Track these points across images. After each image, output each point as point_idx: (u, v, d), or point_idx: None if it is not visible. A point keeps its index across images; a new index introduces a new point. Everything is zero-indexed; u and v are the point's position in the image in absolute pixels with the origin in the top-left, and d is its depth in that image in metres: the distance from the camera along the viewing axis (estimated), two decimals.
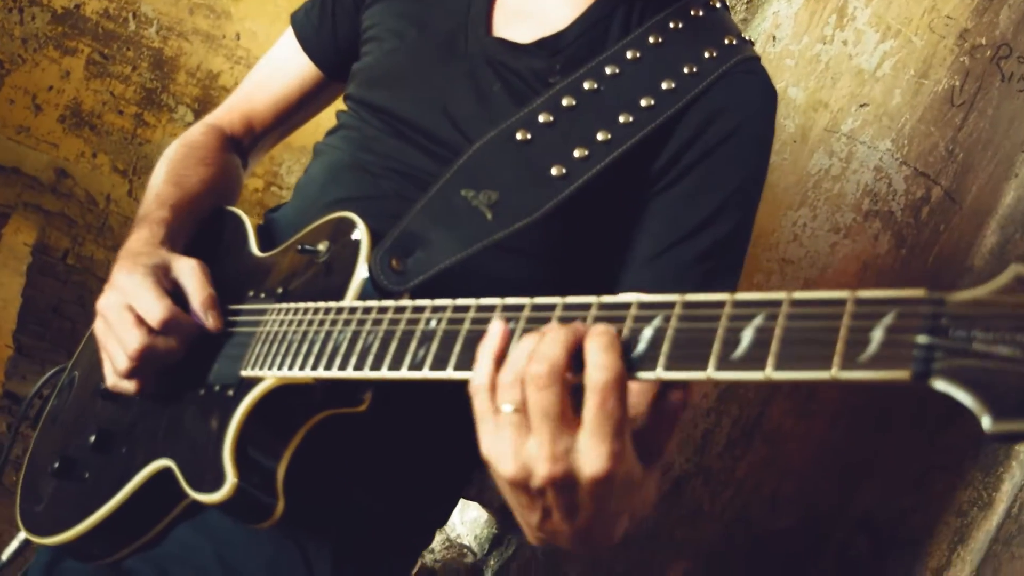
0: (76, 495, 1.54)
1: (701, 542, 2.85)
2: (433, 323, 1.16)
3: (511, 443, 0.99)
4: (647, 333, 0.98)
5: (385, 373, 1.17)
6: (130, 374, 1.43)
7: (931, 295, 0.83)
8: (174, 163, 1.75)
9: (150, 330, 1.41)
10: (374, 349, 1.20)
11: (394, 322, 1.20)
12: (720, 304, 0.95)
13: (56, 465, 1.57)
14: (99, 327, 1.45)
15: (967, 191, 2.85)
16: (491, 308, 1.11)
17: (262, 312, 1.43)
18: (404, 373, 1.15)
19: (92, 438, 1.54)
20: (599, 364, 0.94)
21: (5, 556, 1.69)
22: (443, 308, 1.16)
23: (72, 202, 4.44)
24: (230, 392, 1.38)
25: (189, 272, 1.48)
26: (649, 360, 0.96)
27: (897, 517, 2.81)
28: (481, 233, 1.42)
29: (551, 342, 0.96)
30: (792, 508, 2.86)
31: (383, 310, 1.23)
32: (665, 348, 0.96)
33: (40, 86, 4.40)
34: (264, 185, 4.65)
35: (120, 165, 4.43)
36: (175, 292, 1.47)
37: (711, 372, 0.92)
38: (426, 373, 1.13)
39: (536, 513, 1.04)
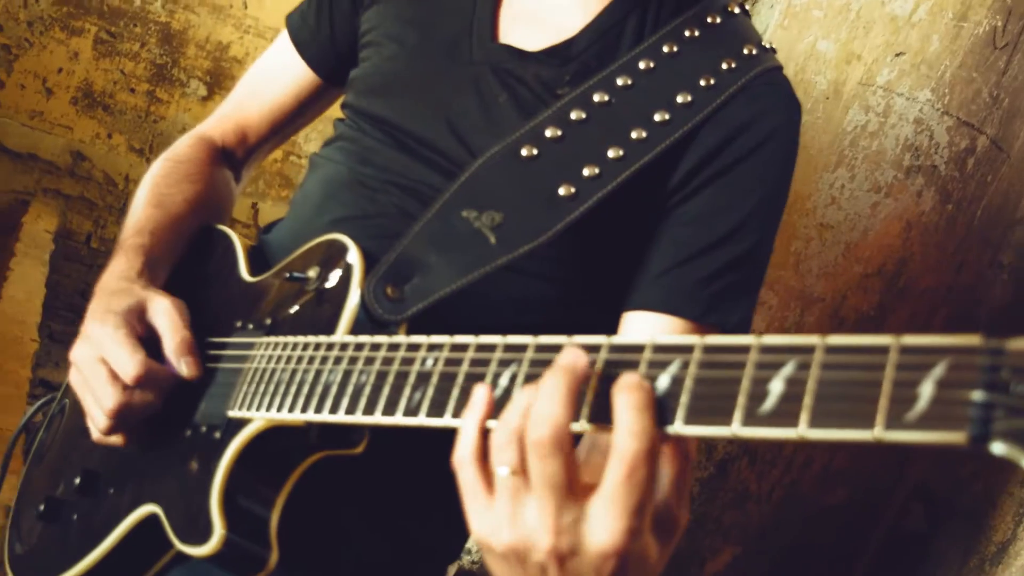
0: (62, 540, 1.46)
1: (749, 525, 2.74)
2: (429, 363, 1.06)
3: (507, 512, 0.88)
4: (663, 382, 0.87)
5: (379, 419, 1.07)
6: (110, 431, 1.35)
7: (988, 342, 0.72)
8: (156, 181, 1.65)
9: (125, 386, 1.32)
10: (366, 391, 1.10)
11: (387, 361, 1.10)
12: (745, 349, 0.84)
13: (41, 508, 1.48)
14: (75, 379, 1.36)
15: (1014, 138, 2.70)
16: (491, 348, 1.01)
17: (249, 346, 1.33)
18: (399, 419, 1.05)
19: (77, 480, 1.45)
20: (633, 431, 0.82)
21: None
22: (439, 347, 1.06)
23: (91, 184, 4.38)
24: (217, 434, 1.28)
25: (163, 314, 1.38)
26: (667, 413, 0.86)
27: (955, 487, 2.68)
28: (484, 258, 1.32)
29: (550, 397, 0.85)
30: (844, 481, 2.74)
31: (376, 347, 1.13)
32: (684, 399, 0.85)
33: (49, 69, 4.33)
34: (283, 155, 4.58)
35: (136, 144, 4.37)
36: (150, 336, 1.38)
37: (736, 428, 0.81)
38: (422, 420, 1.03)
39: None
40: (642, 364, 0.89)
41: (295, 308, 1.35)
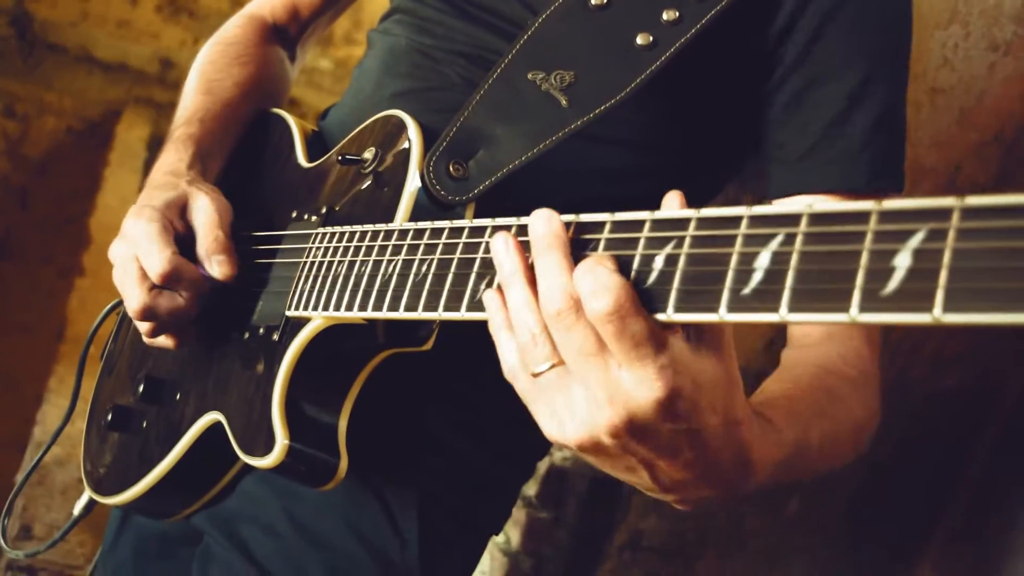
0: (132, 450, 1.39)
1: None
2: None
3: (565, 407, 0.84)
4: (658, 262, 0.79)
5: (442, 314, 0.95)
6: (153, 332, 1.26)
7: (964, 202, 0.65)
8: (205, 67, 1.53)
9: (153, 285, 1.22)
10: (428, 284, 0.98)
11: (449, 248, 0.98)
12: (736, 221, 0.75)
13: (109, 417, 1.41)
14: (115, 277, 1.27)
15: None
16: (564, 227, 0.88)
17: (305, 238, 1.22)
18: (463, 314, 0.93)
19: (140, 387, 1.37)
20: (593, 291, 0.78)
21: (76, 511, 1.56)
22: (506, 228, 0.93)
23: (180, 91, 4.34)
24: (275, 336, 1.18)
25: (202, 211, 1.28)
26: (660, 298, 0.78)
27: None
28: (556, 123, 1.17)
29: (551, 271, 0.82)
30: (959, 363, 2.56)
31: (437, 232, 1.00)
32: (676, 282, 0.77)
33: None
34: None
35: None
36: (190, 236, 1.28)
37: (723, 314, 0.74)
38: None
39: (640, 472, 0.87)
40: (640, 244, 0.82)
41: (351, 194, 1.23)
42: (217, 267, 1.24)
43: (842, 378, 1.15)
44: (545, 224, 0.84)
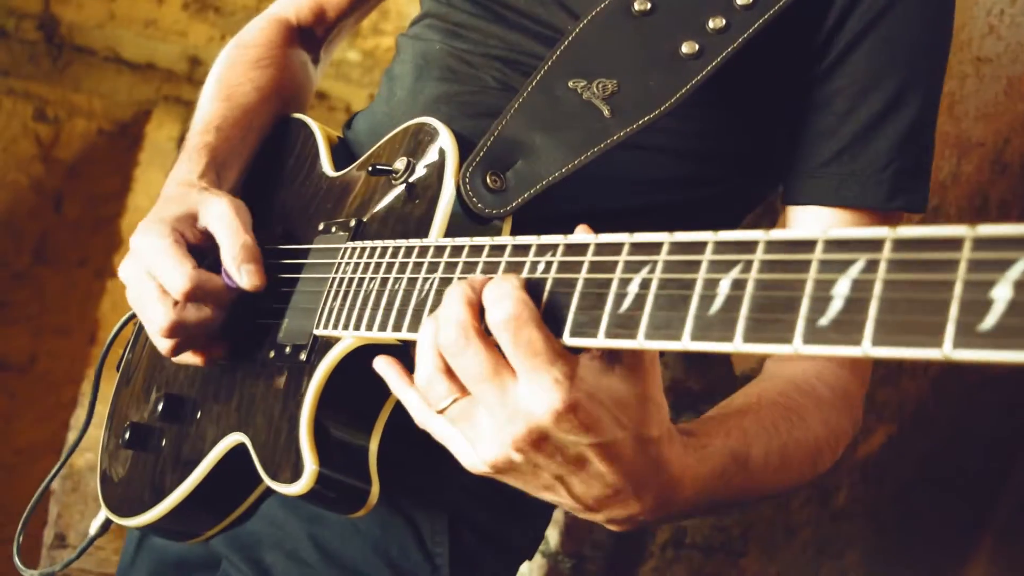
0: (150, 470, 1.33)
1: (905, 402, 2.52)
2: (540, 268, 0.87)
3: (472, 431, 0.87)
4: (632, 288, 0.79)
5: None
6: (173, 351, 1.20)
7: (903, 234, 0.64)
8: (223, 71, 1.48)
9: (176, 302, 1.17)
10: None
11: (490, 268, 0.92)
12: (701, 246, 0.77)
13: (126, 435, 1.36)
14: (130, 297, 1.22)
15: None
16: (615, 248, 0.82)
17: (334, 252, 1.16)
18: None
19: (160, 405, 1.31)
20: (494, 299, 0.82)
21: (93, 530, 1.50)
22: (551, 248, 0.87)
23: None
24: (303, 356, 1.13)
25: (219, 217, 1.22)
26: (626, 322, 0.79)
27: None
28: (598, 134, 1.11)
29: (447, 304, 0.86)
30: None
31: (476, 250, 0.95)
32: (648, 308, 0.77)
33: None
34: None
35: None
36: (210, 245, 1.22)
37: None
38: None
39: (558, 489, 0.89)
40: (617, 267, 0.82)
41: (383, 206, 1.17)
42: (247, 277, 1.19)
43: (810, 396, 1.13)
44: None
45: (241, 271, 1.18)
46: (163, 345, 1.20)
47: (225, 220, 1.21)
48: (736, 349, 0.71)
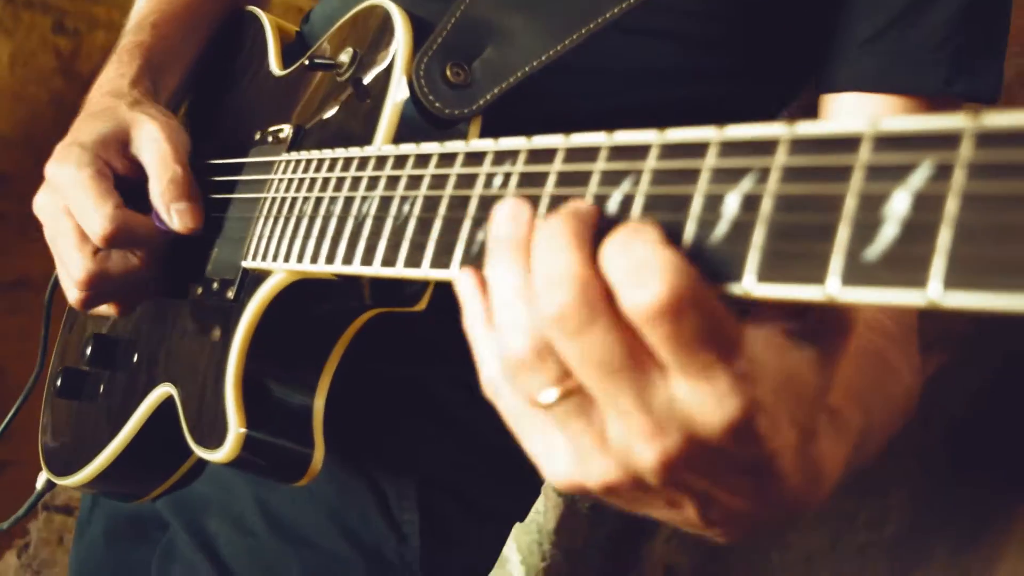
0: (86, 423, 1.16)
1: (953, 331, 2.30)
2: (497, 181, 0.67)
3: (587, 441, 0.55)
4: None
5: (428, 272, 0.69)
6: (88, 304, 1.01)
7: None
8: None
9: (96, 248, 0.97)
10: (410, 231, 0.72)
11: (439, 181, 0.71)
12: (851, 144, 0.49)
13: (58, 382, 1.17)
14: (48, 237, 1.02)
15: None
16: (590, 153, 0.61)
17: (269, 166, 0.96)
18: (456, 273, 0.67)
19: (89, 348, 1.13)
20: (630, 275, 0.50)
21: (38, 486, 1.34)
22: (511, 155, 0.67)
23: None
24: (230, 293, 0.93)
25: (150, 143, 1.00)
26: (733, 262, 0.51)
27: None
28: (585, 12, 0.88)
29: (553, 246, 0.53)
30: None
31: (423, 160, 0.74)
32: (759, 237, 0.50)
33: None
34: None
35: None
36: (140, 176, 1.01)
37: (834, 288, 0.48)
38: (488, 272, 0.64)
39: (686, 508, 0.59)
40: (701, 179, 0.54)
41: (326, 109, 0.96)
42: (178, 218, 0.98)
43: (889, 338, 0.88)
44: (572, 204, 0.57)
45: (171, 211, 0.98)
46: (74, 297, 1.00)
47: (154, 148, 1.00)
48: (747, 291, 0.51)
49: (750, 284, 0.50)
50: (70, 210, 0.97)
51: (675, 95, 1.02)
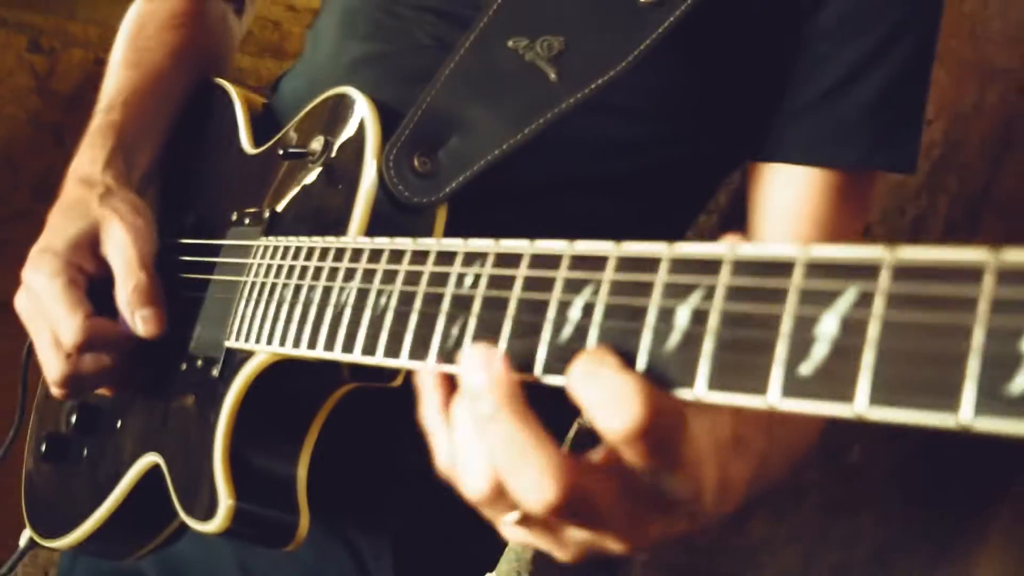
0: (71, 487, 1.20)
1: None
2: (468, 281, 0.73)
3: (545, 543, 0.68)
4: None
5: (405, 362, 0.75)
6: (68, 397, 1.10)
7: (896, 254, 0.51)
8: (131, 35, 1.30)
9: (68, 354, 1.04)
10: (388, 322, 0.78)
11: (413, 278, 0.77)
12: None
13: (42, 448, 1.22)
14: (31, 333, 1.08)
15: None
16: (553, 261, 0.68)
17: (247, 250, 1.01)
18: (431, 365, 0.73)
19: (74, 416, 1.18)
20: (611, 409, 0.58)
21: (22, 543, 1.37)
22: (479, 257, 0.73)
23: None
24: (214, 371, 0.98)
25: (115, 248, 1.07)
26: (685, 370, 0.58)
27: None
28: (542, 101, 0.95)
29: (519, 452, 0.61)
30: None
31: (397, 256, 0.80)
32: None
33: None
34: None
35: None
36: (110, 277, 1.07)
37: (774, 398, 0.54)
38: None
39: (608, 541, 0.68)
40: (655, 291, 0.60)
41: (299, 194, 1.02)
42: (142, 324, 1.04)
43: None
44: (481, 371, 0.64)
45: (135, 317, 1.04)
46: (56, 393, 1.08)
47: (119, 254, 1.06)
48: (698, 397, 0.57)
49: (701, 391, 0.57)
50: (45, 316, 1.03)
51: (635, 166, 1.08)
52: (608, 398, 0.56)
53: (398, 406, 1.03)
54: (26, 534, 1.35)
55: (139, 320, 1.04)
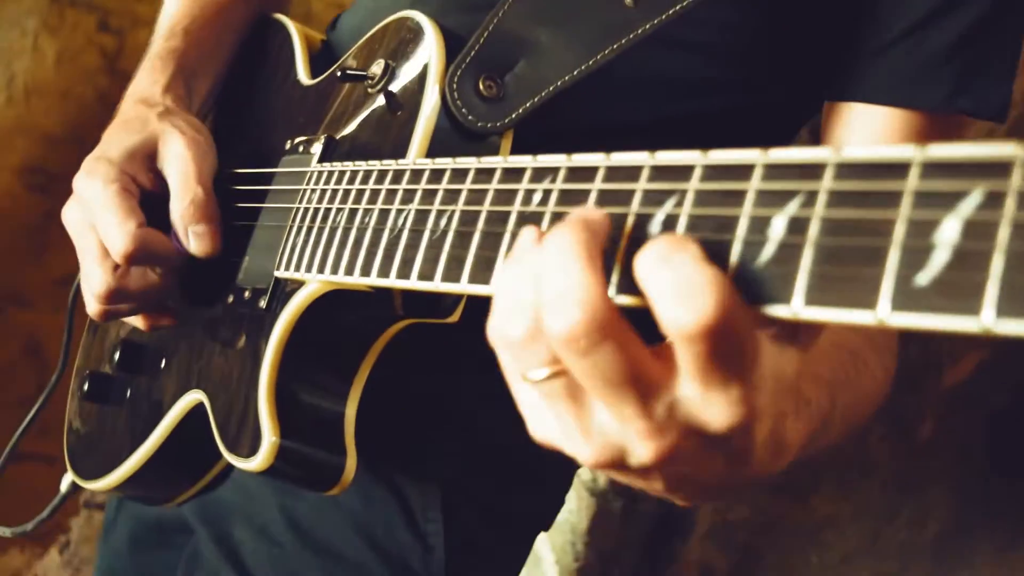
0: (113, 427, 1.16)
1: None
2: (537, 198, 0.67)
3: (575, 422, 0.57)
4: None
5: (466, 286, 0.70)
6: (107, 317, 1.03)
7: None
8: None
9: (116, 265, 0.98)
10: (448, 245, 0.72)
11: (476, 197, 0.72)
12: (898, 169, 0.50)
13: (85, 386, 1.18)
14: (76, 247, 1.03)
15: None
16: (631, 172, 0.62)
17: (301, 176, 0.96)
18: (495, 288, 0.67)
19: (117, 353, 1.14)
20: (681, 298, 0.50)
21: (63, 488, 1.34)
22: (551, 172, 0.67)
23: None
24: (262, 302, 0.94)
25: (173, 162, 1.01)
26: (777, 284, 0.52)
27: None
28: (618, 27, 0.89)
29: (566, 266, 0.53)
30: None
31: (459, 175, 0.75)
32: (805, 260, 0.51)
33: None
34: None
35: None
36: (165, 192, 1.02)
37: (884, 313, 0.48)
38: None
39: (655, 482, 0.62)
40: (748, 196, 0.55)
41: (359, 120, 0.97)
42: (195, 241, 0.99)
43: (865, 338, 0.91)
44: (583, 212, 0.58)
45: (189, 233, 0.99)
46: (93, 309, 1.02)
47: (178, 166, 1.00)
48: (795, 314, 0.51)
49: (797, 307, 0.51)
50: (95, 226, 0.98)
51: (706, 107, 1.02)
52: (681, 287, 0.50)
53: (453, 349, 0.98)
54: (67, 479, 1.32)
55: (193, 236, 0.99)
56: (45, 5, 3.82)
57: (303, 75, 1.13)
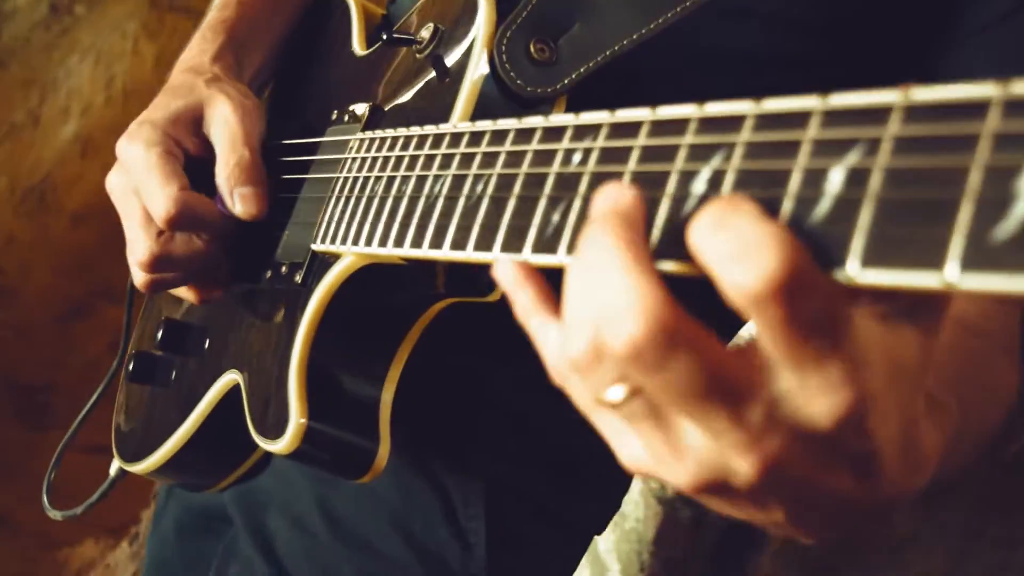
0: (157, 409, 1.13)
1: None
2: (577, 158, 0.61)
3: (662, 441, 0.50)
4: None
5: (499, 255, 0.64)
6: (153, 287, 0.98)
7: None
8: None
9: (160, 231, 0.94)
10: (482, 212, 0.66)
11: (514, 160, 0.66)
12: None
13: (130, 366, 1.15)
14: (120, 214, 0.99)
15: None
16: (678, 126, 0.55)
17: (343, 146, 0.91)
18: (528, 256, 0.61)
19: (160, 332, 1.10)
20: (743, 257, 0.43)
21: (112, 472, 1.32)
22: (592, 130, 0.61)
23: None
24: (298, 277, 0.89)
25: (220, 125, 0.97)
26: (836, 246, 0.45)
27: None
28: None
29: (609, 277, 0.47)
30: None
31: (499, 136, 0.69)
32: (866, 217, 0.44)
33: None
34: None
35: None
36: (211, 158, 0.98)
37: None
38: (561, 257, 0.59)
39: (774, 512, 0.52)
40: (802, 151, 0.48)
41: (405, 87, 0.92)
42: (241, 203, 0.94)
43: (983, 337, 0.80)
44: (612, 198, 0.51)
45: (234, 196, 0.94)
46: (139, 278, 0.98)
47: (224, 128, 0.96)
48: (851, 278, 0.44)
49: (854, 270, 0.44)
50: (138, 191, 0.94)
51: (765, 82, 0.94)
52: (740, 249, 0.43)
53: (497, 333, 0.92)
54: (116, 463, 1.29)
55: (238, 198, 0.94)
56: (145, 9, 3.86)
57: (357, 47, 1.08)
